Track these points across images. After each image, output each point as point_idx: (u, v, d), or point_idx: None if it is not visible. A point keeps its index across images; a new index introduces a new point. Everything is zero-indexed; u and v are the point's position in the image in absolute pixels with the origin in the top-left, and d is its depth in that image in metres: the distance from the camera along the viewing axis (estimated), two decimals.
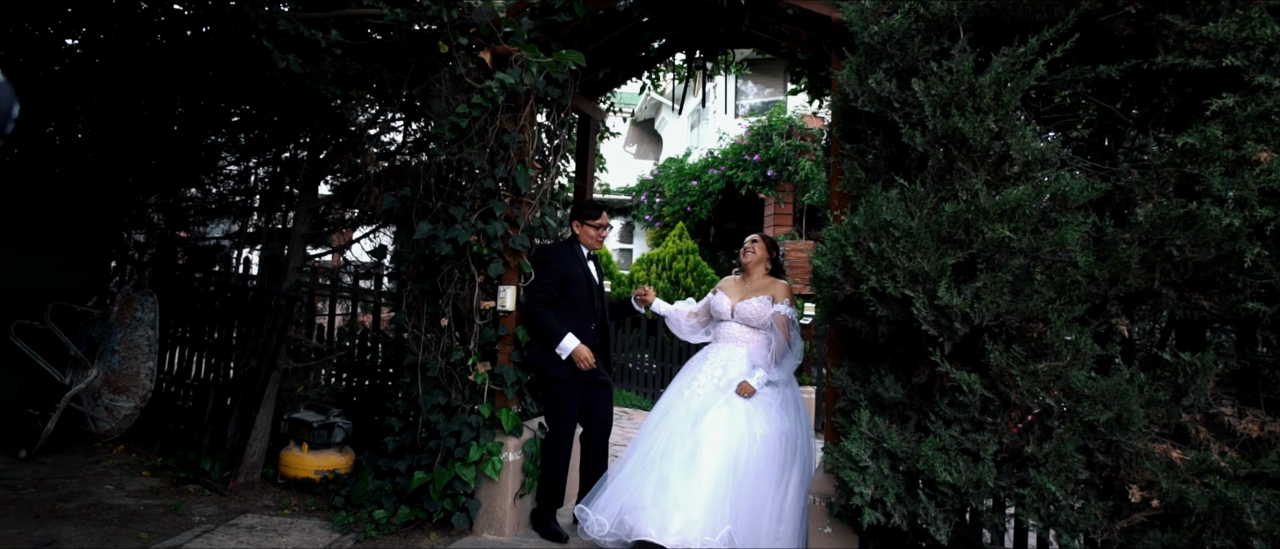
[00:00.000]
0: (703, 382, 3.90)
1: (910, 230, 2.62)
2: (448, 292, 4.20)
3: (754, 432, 3.64)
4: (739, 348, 3.99)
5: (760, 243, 4.17)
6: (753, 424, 3.66)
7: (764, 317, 3.96)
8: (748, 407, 3.72)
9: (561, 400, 4.13)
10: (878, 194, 2.76)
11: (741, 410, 3.70)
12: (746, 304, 3.99)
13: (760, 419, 3.69)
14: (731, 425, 3.62)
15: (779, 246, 4.24)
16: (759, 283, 4.10)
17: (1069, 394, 2.47)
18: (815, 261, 2.90)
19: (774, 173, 10.89)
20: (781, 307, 3.97)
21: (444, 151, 4.13)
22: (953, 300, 2.55)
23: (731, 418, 3.67)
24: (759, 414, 3.71)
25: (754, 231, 4.45)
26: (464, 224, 4.06)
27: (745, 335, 4.01)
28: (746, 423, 3.64)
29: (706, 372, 3.96)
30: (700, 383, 3.90)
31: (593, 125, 5.21)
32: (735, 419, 3.65)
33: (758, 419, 3.69)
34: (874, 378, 2.93)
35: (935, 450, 2.66)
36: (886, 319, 2.78)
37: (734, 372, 3.90)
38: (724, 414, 3.68)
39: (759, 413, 3.72)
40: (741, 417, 3.67)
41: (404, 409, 4.33)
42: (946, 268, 2.57)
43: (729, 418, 3.67)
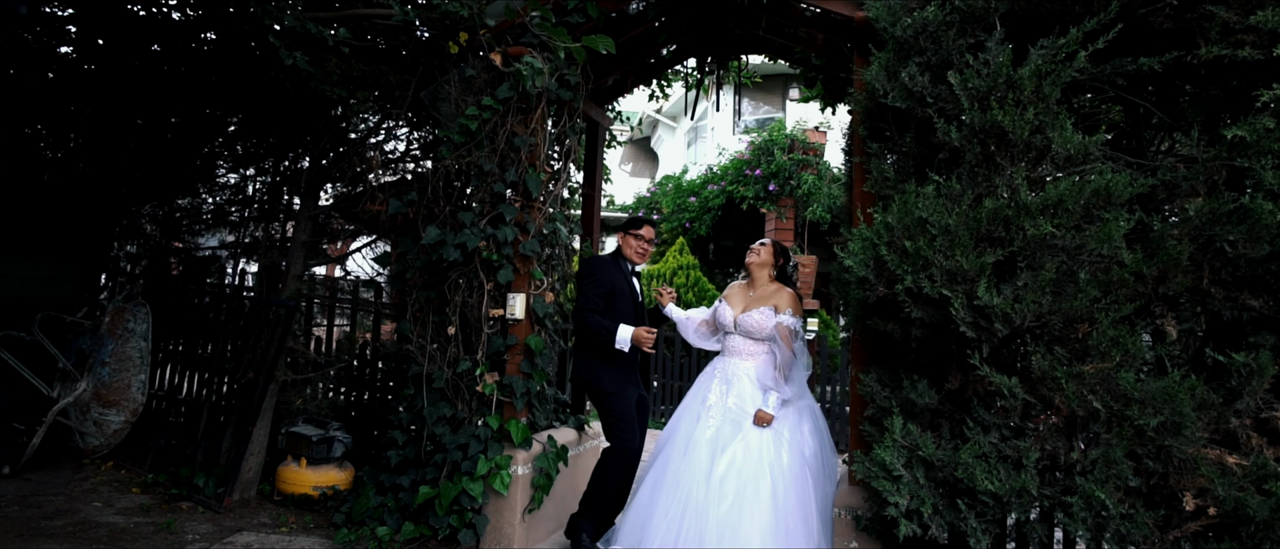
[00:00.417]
0: (713, 402, 3.77)
1: (948, 227, 2.53)
2: (455, 300, 4.07)
3: (780, 462, 3.49)
4: (745, 362, 3.83)
5: (768, 247, 4.00)
6: (776, 455, 3.50)
7: (766, 328, 3.76)
8: (762, 440, 3.54)
9: (618, 413, 3.93)
10: (912, 191, 2.67)
11: (756, 445, 3.52)
12: (748, 316, 3.81)
13: (783, 449, 3.53)
14: (751, 469, 3.46)
15: (789, 255, 4.09)
16: (763, 290, 3.93)
17: (1117, 397, 2.36)
18: (847, 261, 2.79)
19: (775, 187, 10.83)
20: (784, 317, 3.75)
21: (452, 155, 4.02)
22: (992, 300, 2.45)
23: (746, 457, 3.50)
24: (775, 445, 3.53)
25: (760, 239, 4.31)
26: (473, 229, 3.94)
27: (749, 348, 3.84)
28: (764, 457, 3.49)
29: (715, 390, 3.81)
30: (711, 403, 3.77)
31: (601, 133, 5.12)
32: (748, 457, 3.49)
33: (781, 450, 3.52)
34: (906, 384, 2.82)
35: (975, 458, 2.54)
36: (921, 321, 2.67)
37: (741, 389, 3.73)
38: (740, 452, 3.52)
39: (775, 444, 3.54)
40: (755, 452, 3.50)
41: (407, 422, 4.18)
42: (986, 266, 2.47)
43: (744, 456, 3.50)
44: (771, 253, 3.97)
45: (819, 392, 8.65)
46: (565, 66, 4.12)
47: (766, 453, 3.46)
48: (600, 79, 4.63)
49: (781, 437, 3.52)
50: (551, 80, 4.04)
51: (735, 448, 3.50)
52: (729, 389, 3.76)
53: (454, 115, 4.08)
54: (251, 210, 5.66)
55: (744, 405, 3.66)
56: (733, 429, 3.58)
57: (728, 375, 3.83)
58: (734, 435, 3.56)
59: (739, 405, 3.67)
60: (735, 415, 3.64)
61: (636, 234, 4.11)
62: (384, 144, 5.28)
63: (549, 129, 4.17)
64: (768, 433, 3.52)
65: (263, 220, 5.37)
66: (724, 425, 3.62)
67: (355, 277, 5.52)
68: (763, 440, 3.51)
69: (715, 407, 3.75)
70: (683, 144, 17.80)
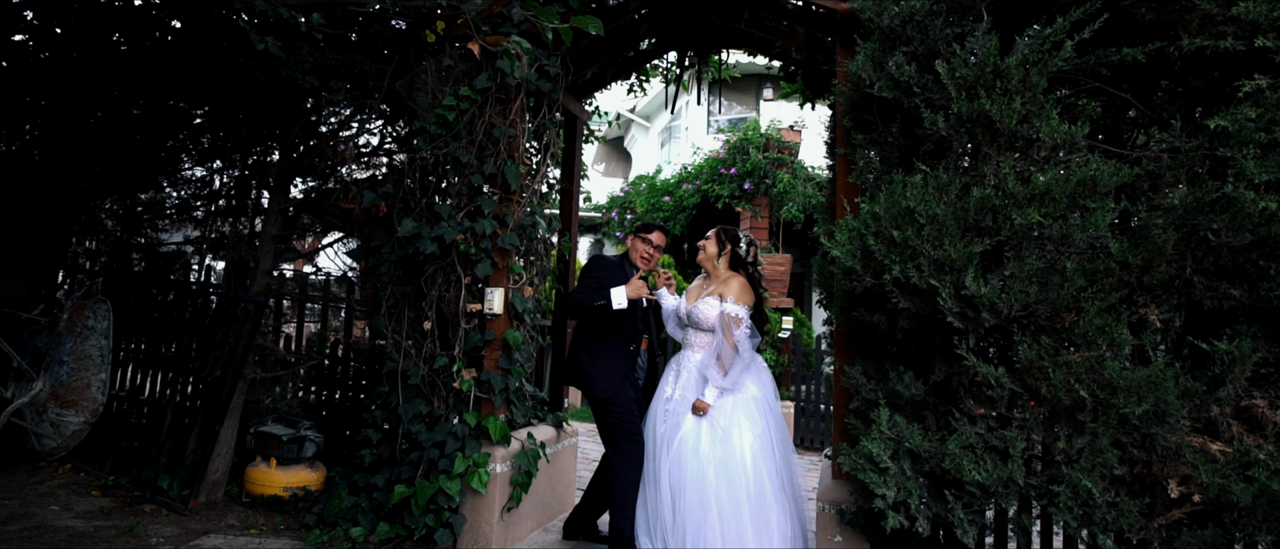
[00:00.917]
0: (667, 395, 3.79)
1: (936, 217, 2.52)
2: (431, 294, 3.98)
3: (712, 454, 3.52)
4: (695, 354, 3.81)
5: (711, 238, 3.93)
6: (711, 447, 3.54)
7: (710, 318, 3.71)
8: (697, 433, 3.58)
9: (619, 411, 3.77)
10: (899, 181, 2.66)
11: (691, 441, 3.57)
12: (695, 306, 3.78)
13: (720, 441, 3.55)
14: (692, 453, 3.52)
15: (738, 239, 3.96)
16: (716, 281, 3.88)
17: (1103, 386, 2.37)
18: (834, 252, 2.77)
19: (750, 186, 10.85)
20: (726, 305, 3.68)
21: (429, 146, 3.94)
22: (980, 290, 2.45)
23: (681, 449, 3.57)
24: (710, 439, 3.56)
25: (712, 231, 4.09)
26: (450, 222, 3.85)
27: (698, 339, 3.82)
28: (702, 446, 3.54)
29: (668, 385, 3.84)
30: (666, 395, 3.78)
31: (579, 127, 5.06)
32: (685, 450, 3.55)
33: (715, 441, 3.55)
34: (892, 375, 2.80)
35: (961, 448, 2.53)
36: (908, 312, 2.66)
37: (685, 380, 3.76)
38: (679, 447, 3.60)
39: (710, 438, 3.56)
40: (691, 447, 3.55)
41: (382, 420, 4.08)
42: (974, 256, 2.46)
43: (681, 450, 3.57)
44: (715, 242, 3.91)
45: (795, 390, 8.67)
46: (545, 57, 4.06)
47: (701, 447, 3.52)
48: (579, 72, 4.57)
49: (703, 432, 3.56)
50: (531, 71, 3.97)
51: (674, 445, 3.59)
52: (678, 381, 3.78)
53: (431, 106, 3.99)
54: (217, 205, 5.50)
55: (687, 397, 3.67)
56: (673, 427, 3.66)
57: (679, 368, 3.83)
58: (672, 435, 3.63)
59: (683, 397, 3.70)
60: (679, 408, 3.67)
61: (645, 238, 3.98)
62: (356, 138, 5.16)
63: (527, 121, 4.10)
64: (703, 426, 3.57)
65: (230, 215, 5.21)
66: (667, 423, 3.69)
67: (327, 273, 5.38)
68: (697, 434, 3.56)
69: (669, 400, 3.77)
70: (656, 144, 17.79)
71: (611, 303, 3.65)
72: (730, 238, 3.93)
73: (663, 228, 4.07)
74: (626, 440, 3.69)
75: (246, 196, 5.03)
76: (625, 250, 4.09)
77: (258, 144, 5.36)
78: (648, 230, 4.00)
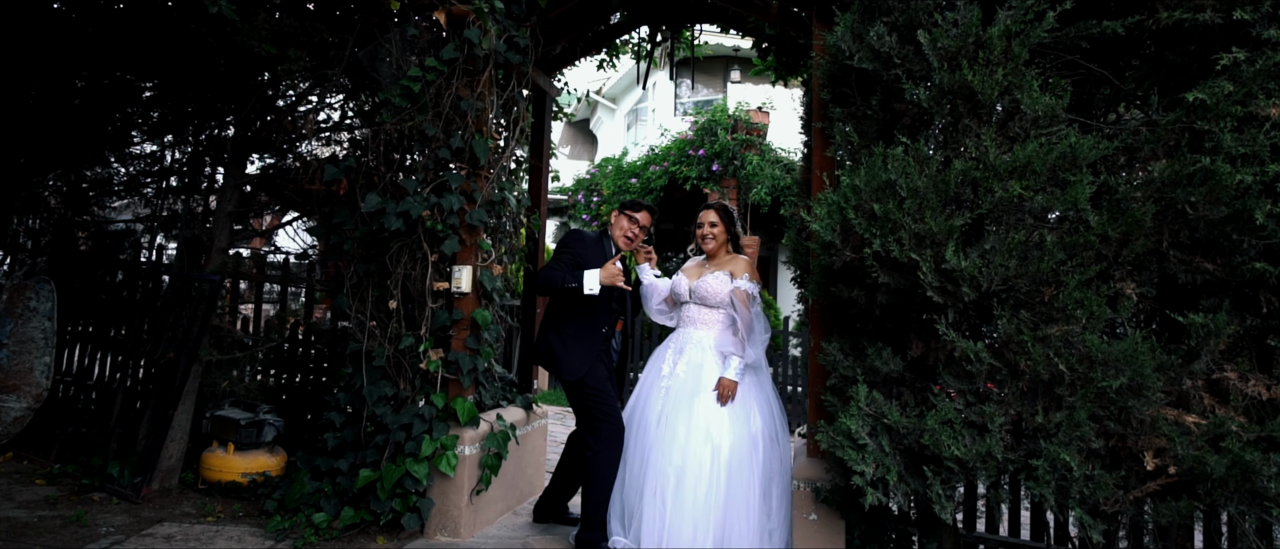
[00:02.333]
0: (665, 373, 3.67)
1: (917, 190, 2.48)
2: (397, 272, 3.85)
3: (721, 442, 3.41)
4: (699, 331, 3.73)
5: (720, 224, 3.80)
6: (718, 434, 3.43)
7: (722, 294, 3.66)
8: (708, 419, 3.45)
9: (595, 393, 3.62)
10: (879, 154, 2.61)
11: (701, 424, 3.43)
12: (703, 282, 3.69)
13: (728, 425, 3.46)
14: (690, 440, 3.41)
15: (737, 220, 3.91)
16: (719, 260, 3.85)
17: (1082, 360, 2.36)
18: (813, 226, 2.72)
19: (719, 168, 10.81)
20: (741, 281, 3.66)
21: (393, 119, 3.79)
22: (960, 264, 2.42)
23: (689, 430, 3.44)
24: (719, 423, 3.45)
25: (707, 208, 3.91)
26: (416, 197, 3.72)
27: (704, 316, 3.73)
28: (711, 432, 3.43)
29: (667, 362, 3.71)
30: (664, 373, 3.67)
31: (548, 103, 4.94)
32: (693, 432, 3.43)
33: (725, 426, 3.45)
34: (871, 352, 2.77)
35: (940, 424, 2.51)
36: (887, 287, 2.62)
37: (692, 357, 3.63)
38: (682, 428, 3.44)
39: (718, 422, 3.45)
40: (701, 432, 3.42)
41: (346, 403, 3.95)
42: (955, 229, 2.43)
43: (687, 431, 3.43)
44: (724, 228, 3.82)
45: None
46: (514, 28, 3.93)
47: (710, 432, 3.39)
48: (549, 46, 4.45)
49: (722, 414, 3.45)
50: (499, 42, 3.85)
51: (676, 426, 3.43)
52: (679, 358, 3.68)
53: (395, 77, 3.84)
54: (168, 182, 5.26)
55: (699, 376, 3.56)
56: (676, 405, 3.50)
57: (680, 344, 3.74)
58: (676, 411, 3.48)
59: (689, 374, 3.59)
60: (683, 386, 3.55)
61: (632, 216, 3.83)
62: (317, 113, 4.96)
63: (495, 95, 3.98)
64: (712, 410, 3.45)
65: (183, 192, 4.98)
66: (668, 401, 3.54)
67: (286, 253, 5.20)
68: (708, 419, 3.44)
69: (665, 377, 3.67)
70: (622, 126, 17.65)
71: (583, 287, 3.54)
72: (732, 220, 3.87)
73: (651, 209, 3.96)
74: (604, 421, 3.60)
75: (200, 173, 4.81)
76: (606, 225, 3.98)
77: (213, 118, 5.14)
78: (635, 208, 3.88)
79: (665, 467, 3.38)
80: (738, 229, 3.90)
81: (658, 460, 3.41)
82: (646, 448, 3.50)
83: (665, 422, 3.49)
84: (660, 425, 3.50)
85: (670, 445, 3.42)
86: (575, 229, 3.85)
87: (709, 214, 3.81)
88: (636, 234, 3.86)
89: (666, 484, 3.36)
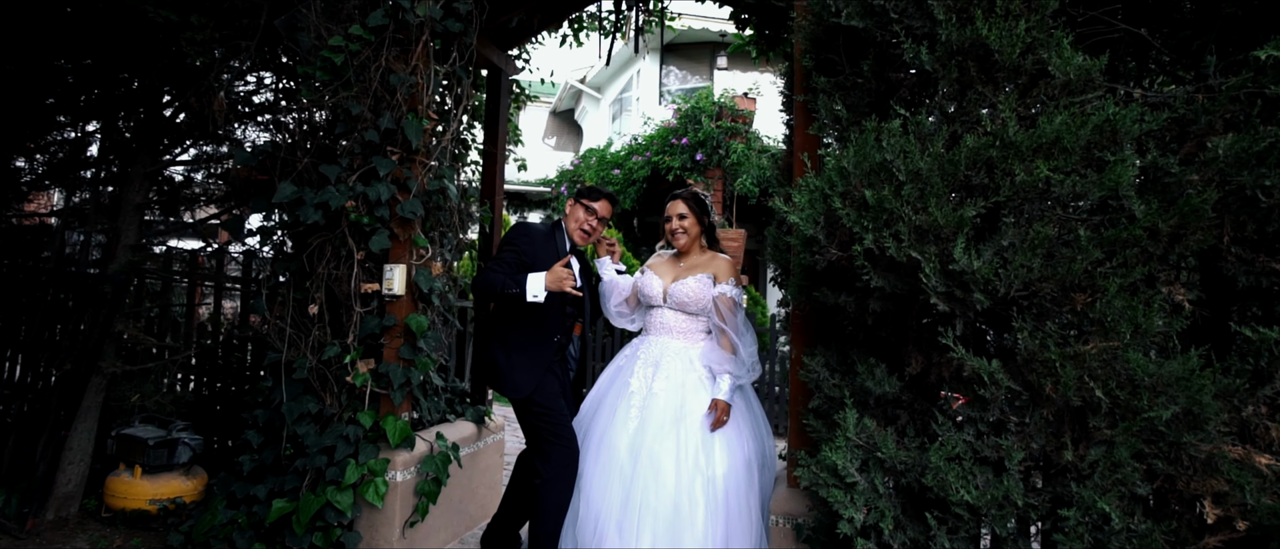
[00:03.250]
0: (635, 389, 3.16)
1: (918, 173, 2.00)
2: (319, 272, 3.35)
3: (715, 472, 2.93)
4: (676, 341, 3.25)
5: (690, 216, 3.31)
6: (711, 464, 2.94)
7: (703, 300, 3.20)
8: (694, 445, 2.96)
9: (546, 412, 3.13)
10: (872, 129, 2.13)
11: (692, 453, 2.94)
12: (681, 285, 3.22)
13: (720, 452, 2.97)
14: (680, 472, 2.91)
15: (710, 209, 3.42)
16: (696, 259, 3.37)
17: (1124, 384, 1.89)
18: (791, 217, 2.23)
19: (703, 157, 10.30)
20: (725, 287, 3.21)
21: (313, 96, 3.29)
22: (972, 264, 1.94)
23: (679, 461, 2.93)
24: (707, 451, 2.95)
25: (674, 198, 3.40)
26: (339, 186, 3.23)
27: (681, 324, 3.25)
28: (701, 461, 2.94)
29: (638, 375, 3.21)
30: (633, 389, 3.16)
31: (505, 82, 4.43)
32: (684, 463, 2.93)
33: (716, 453, 2.97)
34: (861, 369, 2.30)
35: (946, 460, 2.04)
36: (881, 292, 2.15)
37: (670, 371, 3.14)
38: (669, 460, 2.93)
39: (706, 450, 2.96)
40: (691, 462, 2.93)
41: (265, 420, 3.46)
42: (966, 221, 1.95)
43: (676, 462, 2.93)
44: (695, 220, 3.34)
45: None
46: None
47: (700, 463, 2.91)
48: (501, 15, 3.93)
49: (712, 439, 2.97)
50: (436, 7, 3.34)
51: (660, 456, 2.93)
52: (656, 372, 3.19)
53: (317, 47, 3.34)
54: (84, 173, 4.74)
55: (682, 396, 3.07)
56: (660, 433, 2.99)
57: (654, 357, 3.25)
58: (659, 438, 2.98)
59: (671, 394, 3.09)
60: (665, 409, 3.06)
61: (589, 205, 3.33)
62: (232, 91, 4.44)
63: (434, 69, 3.47)
64: (702, 435, 2.97)
65: (97, 184, 4.46)
66: (647, 427, 3.03)
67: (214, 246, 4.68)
68: (698, 446, 2.95)
69: (636, 394, 3.17)
70: (608, 117, 17.12)
71: (525, 294, 3.04)
72: (703, 208, 3.38)
73: (611, 197, 3.45)
74: (556, 445, 3.11)
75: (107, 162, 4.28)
76: (559, 219, 3.49)
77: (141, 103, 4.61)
78: (593, 196, 3.37)
79: (656, 505, 2.88)
80: (713, 219, 3.42)
81: (643, 498, 2.89)
82: (625, 483, 2.98)
83: (648, 453, 2.96)
84: (640, 457, 2.96)
85: (655, 480, 2.90)
86: (522, 222, 3.34)
87: (676, 205, 3.33)
88: (594, 227, 3.37)
89: (658, 525, 2.87)
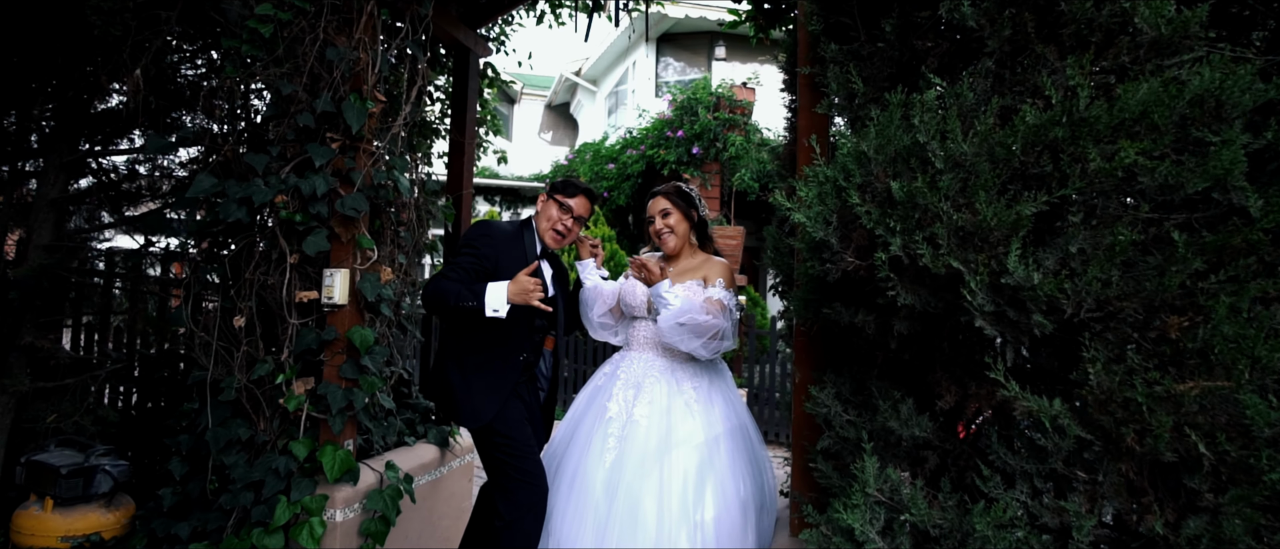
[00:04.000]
0: (614, 414, 2.71)
1: (960, 158, 1.54)
2: (247, 277, 2.90)
3: (704, 516, 2.48)
4: (660, 359, 2.80)
5: (675, 213, 2.87)
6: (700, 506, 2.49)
7: None
8: (688, 478, 2.51)
9: (511, 445, 2.66)
10: (897, 103, 1.67)
11: (678, 493, 2.49)
12: (670, 292, 2.80)
13: (711, 494, 2.51)
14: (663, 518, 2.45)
15: (698, 203, 2.98)
16: (686, 262, 2.91)
17: (1235, 436, 1.44)
18: (796, 216, 1.78)
19: (699, 150, 9.82)
20: (714, 290, 2.76)
21: (239, 73, 2.83)
22: (1031, 276, 1.49)
23: (662, 504, 2.48)
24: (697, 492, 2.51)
25: (656, 195, 3.00)
26: (268, 178, 2.77)
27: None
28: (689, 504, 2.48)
29: (616, 398, 2.75)
30: (611, 416, 2.71)
31: (473, 63, 3.98)
32: (668, 506, 2.48)
33: (707, 495, 2.51)
34: (883, 404, 1.85)
35: (995, 528, 1.59)
36: (910, 310, 1.69)
37: (653, 395, 2.68)
38: (651, 501, 2.48)
39: (697, 491, 2.51)
40: (676, 504, 2.47)
41: (189, 447, 3.01)
42: (1024, 221, 1.50)
43: (659, 505, 2.48)
44: (680, 216, 2.89)
45: (748, 375, 7.79)
46: None
47: (687, 505, 2.46)
48: None
49: (703, 478, 2.52)
50: None
51: (641, 496, 2.48)
52: (637, 395, 2.74)
53: (245, 18, 2.88)
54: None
55: (667, 423, 2.62)
56: (641, 468, 2.54)
57: (635, 377, 2.80)
58: (639, 474, 2.53)
59: (654, 421, 2.64)
60: (646, 440, 2.61)
61: (563, 201, 2.83)
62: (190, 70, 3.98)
63: (384, 44, 3.02)
64: (690, 469, 2.51)
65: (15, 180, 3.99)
66: (625, 460, 2.58)
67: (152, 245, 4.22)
68: (686, 484, 2.50)
69: (615, 421, 2.72)
70: (603, 110, 16.65)
71: (484, 307, 2.58)
72: (689, 201, 2.93)
73: (589, 192, 2.96)
74: (521, 484, 2.65)
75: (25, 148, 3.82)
76: (530, 217, 3.02)
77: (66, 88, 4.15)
78: (568, 191, 2.88)
79: None
80: (704, 214, 2.97)
81: (618, 545, 2.44)
82: (600, 527, 2.52)
83: (626, 492, 2.50)
84: (617, 496, 2.51)
85: (633, 525, 2.44)
86: (484, 221, 2.87)
87: (658, 202, 2.88)
88: (570, 227, 2.89)
89: None
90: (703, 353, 2.67)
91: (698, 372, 2.80)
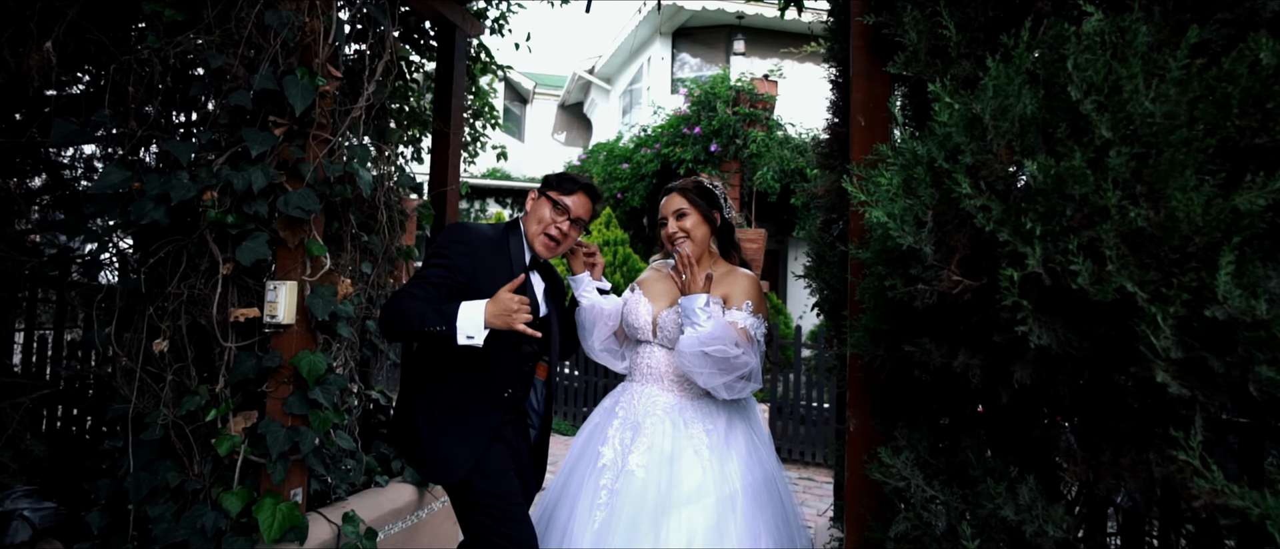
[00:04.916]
0: (607, 463, 2.17)
1: (1145, 121, 0.99)
2: (171, 290, 2.39)
3: None
4: (665, 394, 2.24)
5: (692, 214, 2.30)
6: None
7: None
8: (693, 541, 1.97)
9: (493, 501, 2.12)
10: (1023, 53, 1.12)
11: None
12: (673, 315, 2.26)
13: None
14: None
15: (722, 202, 2.39)
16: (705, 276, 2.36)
17: None
18: (873, 215, 1.23)
19: (717, 148, 9.25)
20: (740, 315, 2.18)
21: (163, 41, 2.33)
22: (1253, 306, 0.94)
23: None
24: None
25: (670, 193, 2.42)
26: (194, 170, 2.27)
27: (676, 369, 2.27)
28: None
29: (612, 441, 2.21)
30: (603, 464, 2.17)
31: (461, 42, 3.46)
32: None
33: None
34: (991, 482, 1.29)
35: None
36: (1046, 354, 1.14)
37: (654, 438, 2.13)
38: None
39: None
40: None
41: (110, 493, 2.50)
42: (1249, 219, 0.95)
43: None
44: (699, 218, 2.32)
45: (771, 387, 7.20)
46: None
47: None
48: None
49: (713, 542, 1.97)
50: None
51: None
52: (635, 438, 2.19)
53: None
54: None
55: (671, 474, 2.07)
56: (630, 525, 2.00)
57: (634, 415, 2.26)
58: (631, 538, 1.98)
59: (653, 470, 2.10)
60: (644, 493, 2.07)
61: (558, 201, 2.24)
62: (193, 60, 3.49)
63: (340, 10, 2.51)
64: (693, 537, 1.97)
65: None
66: (616, 515, 2.04)
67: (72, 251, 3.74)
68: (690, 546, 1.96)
69: (608, 470, 2.18)
70: (618, 110, 16.13)
71: (456, 335, 2.04)
72: (713, 202, 2.38)
73: (591, 189, 2.38)
74: (502, 546, 2.12)
75: None
76: (517, 219, 2.45)
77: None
78: (564, 187, 2.27)
79: None
80: (729, 215, 2.41)
81: None
82: None
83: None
84: None
85: None
86: (460, 223, 2.31)
87: (672, 200, 2.33)
88: (565, 232, 2.31)
89: None
90: (723, 393, 2.12)
91: (713, 410, 2.24)
